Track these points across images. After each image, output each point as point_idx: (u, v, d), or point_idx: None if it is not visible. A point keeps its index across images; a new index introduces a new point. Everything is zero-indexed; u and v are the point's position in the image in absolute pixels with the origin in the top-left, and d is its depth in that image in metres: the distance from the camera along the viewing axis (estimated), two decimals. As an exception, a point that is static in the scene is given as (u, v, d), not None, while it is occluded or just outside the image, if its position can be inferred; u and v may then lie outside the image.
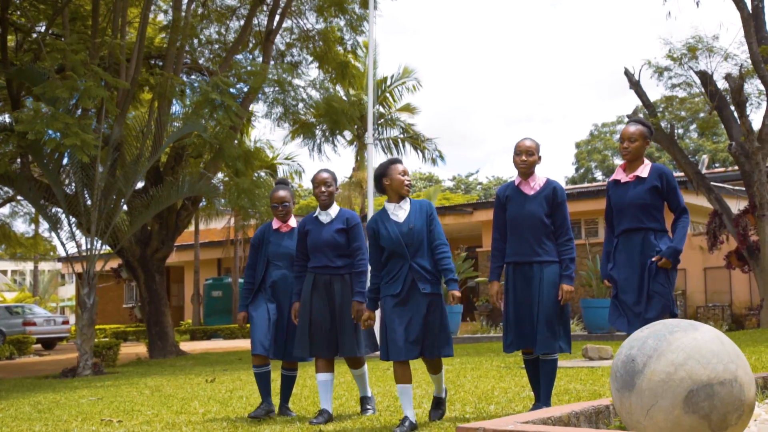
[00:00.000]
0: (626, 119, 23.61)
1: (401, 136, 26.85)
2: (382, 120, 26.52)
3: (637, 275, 4.92)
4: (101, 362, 13.72)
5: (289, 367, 5.96)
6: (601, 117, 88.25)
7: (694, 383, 2.47)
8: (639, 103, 15.32)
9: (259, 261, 5.97)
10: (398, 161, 5.31)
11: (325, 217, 5.62)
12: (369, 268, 5.40)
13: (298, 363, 5.98)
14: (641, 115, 15.12)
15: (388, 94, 26.74)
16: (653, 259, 4.91)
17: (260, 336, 5.74)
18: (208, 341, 23.87)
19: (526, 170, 5.25)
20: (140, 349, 18.50)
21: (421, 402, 6.12)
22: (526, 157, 5.25)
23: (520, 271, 5.19)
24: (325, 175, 5.68)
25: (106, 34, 15.09)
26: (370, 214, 13.19)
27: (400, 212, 5.18)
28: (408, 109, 27.06)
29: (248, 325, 5.98)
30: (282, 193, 5.95)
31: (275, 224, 5.99)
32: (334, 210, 5.66)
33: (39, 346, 25.63)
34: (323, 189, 5.62)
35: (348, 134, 25.79)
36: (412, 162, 76.65)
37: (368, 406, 5.79)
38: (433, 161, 26.80)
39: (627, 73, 14.99)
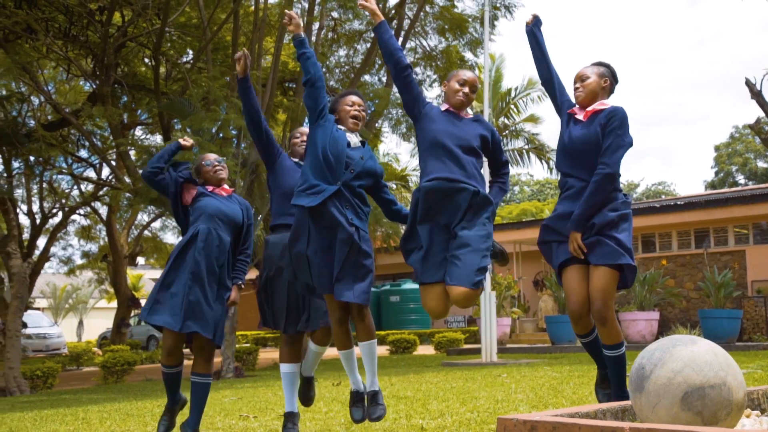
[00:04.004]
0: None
1: (526, 146, 27.22)
2: (507, 131, 26.98)
3: None
4: (242, 366, 14.94)
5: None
6: (741, 119, 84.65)
7: (689, 386, 3.05)
8: (761, 113, 15.15)
9: None
10: (351, 93, 4.83)
11: None
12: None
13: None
14: (765, 128, 14.96)
15: (512, 106, 27.19)
16: None
17: None
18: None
19: (465, 105, 4.65)
20: (278, 354, 19.78)
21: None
22: (469, 89, 4.63)
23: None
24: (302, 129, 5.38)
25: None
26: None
27: (352, 137, 4.68)
28: (532, 119, 27.38)
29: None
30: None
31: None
32: None
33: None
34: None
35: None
36: (537, 172, 75.98)
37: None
38: (559, 171, 26.95)
39: (748, 83, 14.86)
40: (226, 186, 5.37)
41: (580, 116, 4.52)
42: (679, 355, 3.09)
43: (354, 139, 4.65)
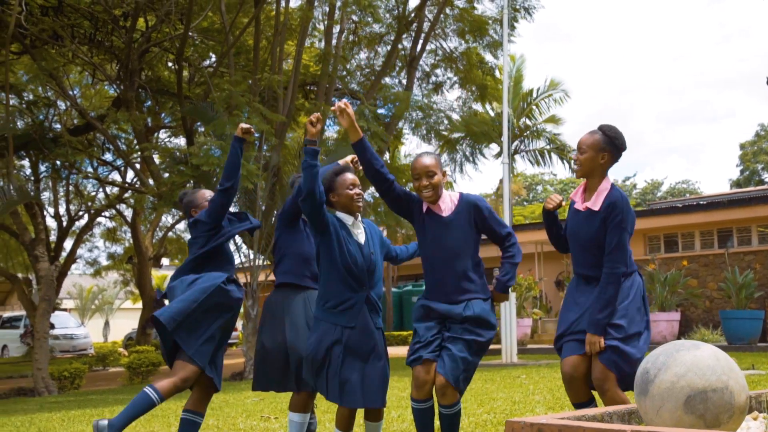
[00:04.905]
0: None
1: (547, 147, 27.19)
2: (528, 132, 26.98)
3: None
4: (265, 367, 15.09)
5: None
6: (767, 116, 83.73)
7: (692, 390, 3.14)
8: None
9: None
10: (346, 170, 4.46)
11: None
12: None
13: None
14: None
15: (534, 107, 27.15)
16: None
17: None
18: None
19: (433, 197, 4.31)
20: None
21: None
22: (428, 180, 4.28)
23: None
24: None
25: (266, 65, 16.57)
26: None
27: (358, 232, 4.45)
28: (553, 120, 27.34)
29: None
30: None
31: None
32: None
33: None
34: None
35: (494, 147, 26.49)
36: (558, 171, 75.98)
37: None
38: (579, 171, 26.88)
39: (769, 82, 14.80)
40: None
41: (579, 207, 4.28)
42: (683, 360, 3.17)
43: (360, 234, 4.45)
